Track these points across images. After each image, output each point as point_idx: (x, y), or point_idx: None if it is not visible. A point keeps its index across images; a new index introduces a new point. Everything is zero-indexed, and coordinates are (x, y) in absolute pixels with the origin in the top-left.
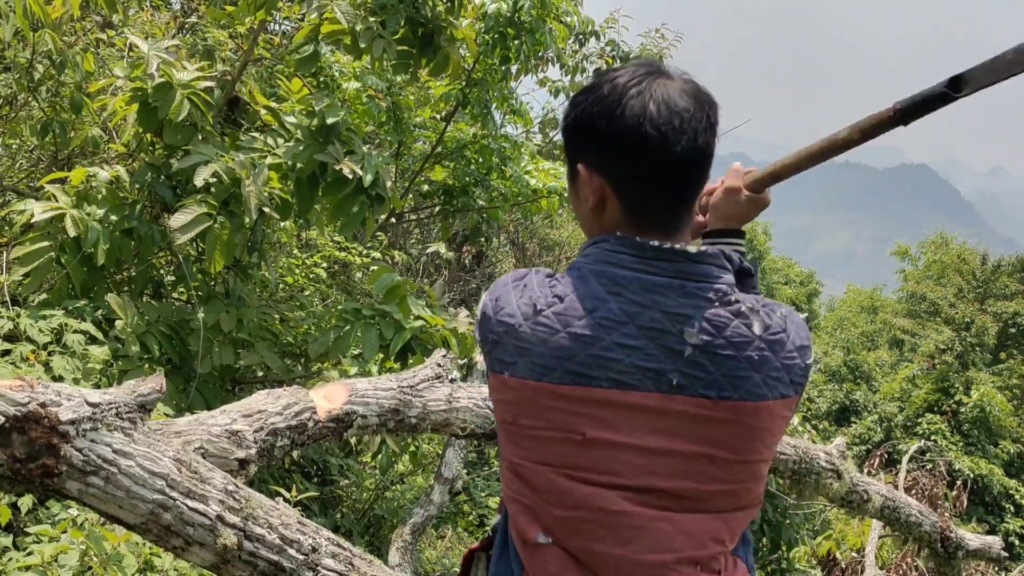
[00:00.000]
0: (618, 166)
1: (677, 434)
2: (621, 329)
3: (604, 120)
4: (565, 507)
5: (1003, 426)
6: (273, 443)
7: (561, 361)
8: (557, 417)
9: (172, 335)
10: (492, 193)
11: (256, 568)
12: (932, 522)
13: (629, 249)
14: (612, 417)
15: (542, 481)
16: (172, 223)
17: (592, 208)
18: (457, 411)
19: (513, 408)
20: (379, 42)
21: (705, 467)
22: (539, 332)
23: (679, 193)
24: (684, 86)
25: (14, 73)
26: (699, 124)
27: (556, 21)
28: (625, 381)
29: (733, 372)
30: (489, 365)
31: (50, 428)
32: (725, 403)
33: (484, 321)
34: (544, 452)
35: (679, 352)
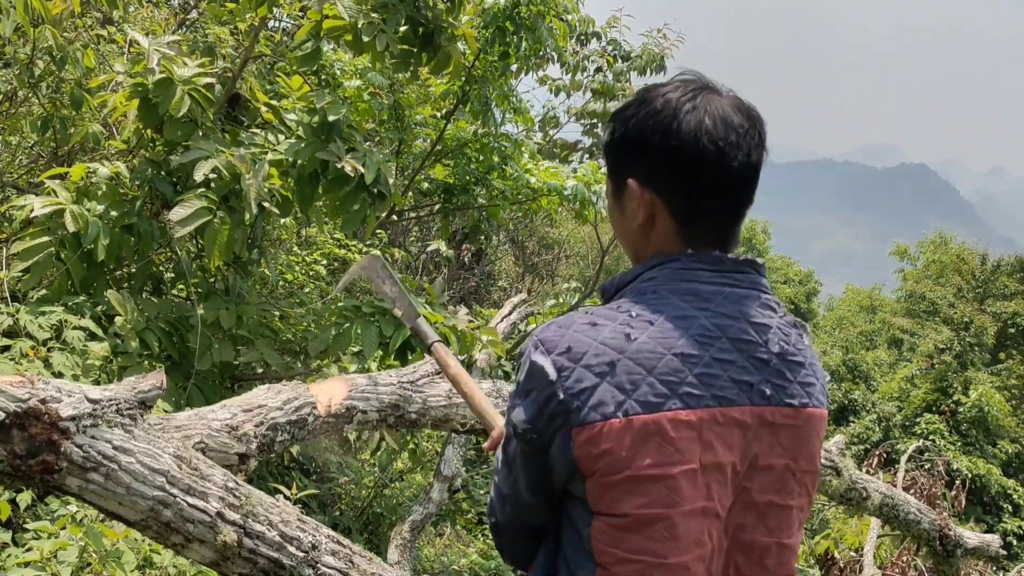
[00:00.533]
0: (672, 181)
1: (773, 446)
2: (716, 344)
3: (659, 135)
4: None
5: (1001, 426)
6: (273, 438)
7: (675, 385)
8: (677, 447)
9: (172, 331)
10: (492, 191)
11: (256, 565)
12: (931, 520)
13: (706, 264)
14: (714, 437)
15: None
16: (171, 216)
17: (641, 223)
18: (457, 407)
19: (628, 452)
20: (381, 37)
21: (786, 480)
22: (645, 359)
23: (733, 208)
24: (735, 102)
25: (14, 69)
26: (752, 140)
27: (556, 19)
28: (727, 396)
29: (804, 379)
30: (576, 421)
31: (50, 424)
32: (804, 411)
33: (564, 376)
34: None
35: (766, 362)
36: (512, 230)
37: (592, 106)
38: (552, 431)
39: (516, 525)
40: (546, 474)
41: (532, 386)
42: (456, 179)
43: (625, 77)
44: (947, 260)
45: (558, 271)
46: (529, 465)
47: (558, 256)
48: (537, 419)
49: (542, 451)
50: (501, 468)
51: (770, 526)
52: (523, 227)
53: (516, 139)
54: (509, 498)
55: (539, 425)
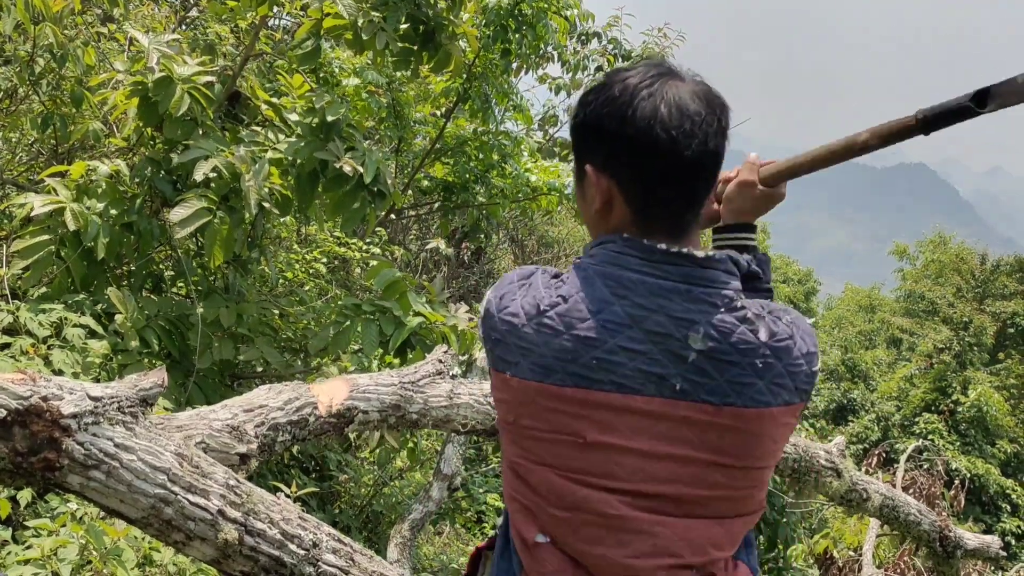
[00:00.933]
0: (627, 168)
1: (679, 439)
2: (626, 332)
3: (614, 121)
4: (563, 508)
5: (1000, 426)
6: (274, 438)
7: (564, 363)
8: (558, 419)
9: (172, 330)
10: (492, 190)
11: (257, 563)
12: (931, 521)
13: (636, 252)
14: (614, 420)
15: (541, 481)
16: (172, 216)
17: (598, 209)
18: (458, 407)
19: (514, 408)
20: (381, 35)
21: (706, 473)
22: (542, 333)
23: (687, 197)
24: (696, 88)
25: (15, 66)
26: (710, 128)
27: (556, 15)
28: (628, 385)
29: (736, 378)
30: (491, 363)
31: (52, 422)
32: (728, 409)
33: (487, 318)
34: (544, 453)
35: (684, 357)
36: (512, 228)
37: None
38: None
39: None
40: None
41: (479, 314)
42: (456, 177)
43: None
44: (946, 260)
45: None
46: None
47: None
48: (484, 340)
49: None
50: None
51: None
52: (522, 225)
53: (516, 137)
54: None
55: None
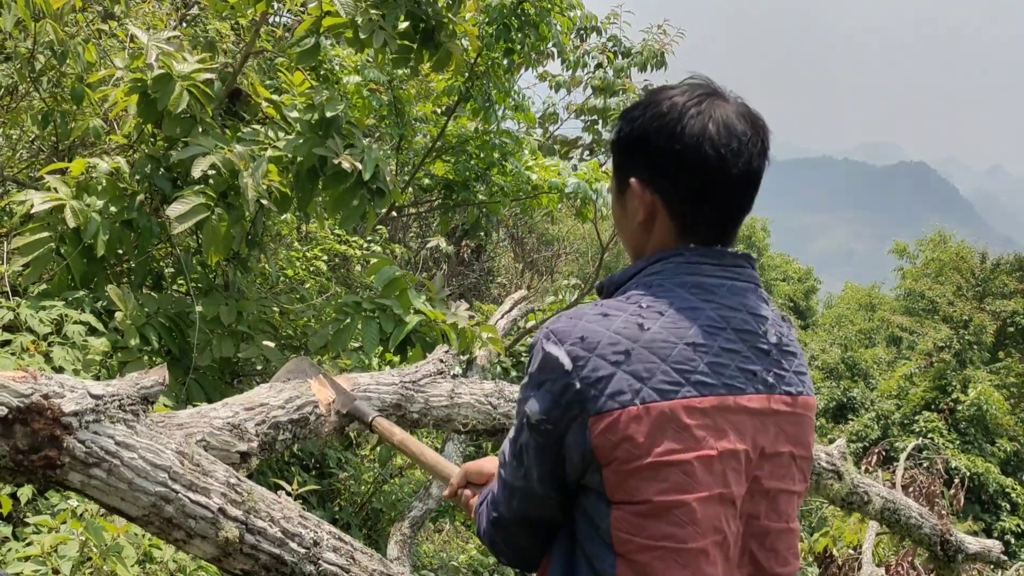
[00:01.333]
0: (673, 184)
1: (777, 434)
2: (723, 334)
3: (663, 137)
4: (717, 532)
5: (1000, 424)
6: (275, 436)
7: (687, 374)
8: (693, 434)
9: (171, 327)
10: (492, 188)
11: (257, 561)
12: (932, 525)
13: (708, 258)
14: (726, 424)
15: (699, 511)
16: (169, 212)
17: (641, 222)
18: (459, 407)
19: (646, 439)
20: (380, 34)
21: (789, 466)
22: (659, 348)
23: (731, 213)
24: (741, 109)
25: (15, 63)
26: (755, 148)
27: (559, 15)
28: (735, 385)
29: (798, 369)
30: (593, 410)
31: (53, 420)
32: (800, 399)
33: (579, 367)
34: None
35: (766, 352)
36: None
37: (592, 102)
38: (567, 421)
39: (521, 519)
40: (559, 465)
41: (546, 377)
42: (456, 175)
43: (626, 73)
44: (946, 258)
45: (558, 268)
46: (542, 456)
47: (558, 253)
48: (552, 410)
49: (556, 442)
50: (510, 461)
51: (780, 512)
52: (523, 224)
53: (517, 136)
54: (518, 491)
55: (554, 415)
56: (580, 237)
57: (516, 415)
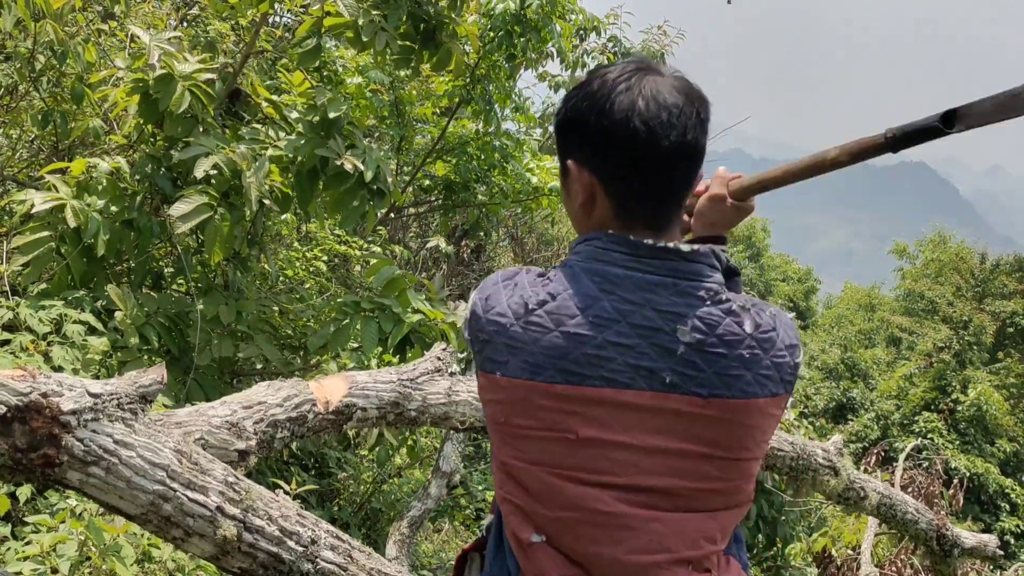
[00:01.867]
0: (607, 161)
1: (670, 432)
2: (614, 327)
3: (593, 115)
4: (558, 507)
5: (1000, 425)
6: (273, 435)
7: (554, 360)
8: (550, 416)
9: (171, 326)
10: (493, 189)
11: (255, 560)
12: (928, 520)
13: (622, 247)
14: (605, 416)
15: (534, 481)
16: (172, 212)
17: (582, 204)
18: (456, 405)
19: (505, 408)
20: (382, 35)
21: (697, 465)
22: (531, 331)
23: (668, 189)
24: (675, 82)
25: (15, 63)
26: (688, 120)
27: (560, 19)
28: (618, 379)
29: (725, 370)
30: (479, 364)
31: (52, 418)
32: (717, 401)
33: (474, 320)
34: (536, 452)
35: (672, 350)
36: (511, 227)
37: None
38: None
39: None
40: None
41: (465, 316)
42: (457, 176)
43: None
44: (946, 259)
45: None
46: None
47: (557, 253)
48: (471, 343)
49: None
50: None
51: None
52: (522, 224)
53: (517, 138)
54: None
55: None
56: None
57: None
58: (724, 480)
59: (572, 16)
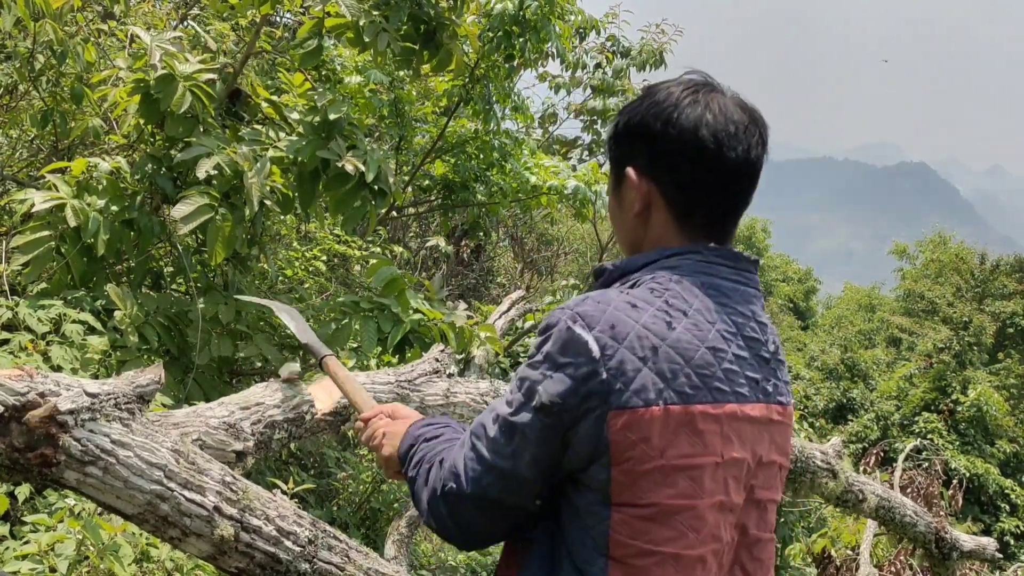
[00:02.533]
0: (670, 170)
1: (771, 443)
2: (735, 341)
3: (660, 124)
4: (716, 540)
5: (1000, 425)
6: (271, 436)
7: (707, 379)
8: (704, 440)
9: (171, 326)
10: (492, 188)
11: (253, 559)
12: (927, 523)
13: (724, 259)
14: (732, 433)
15: (694, 518)
16: (174, 213)
17: (637, 214)
18: (455, 406)
19: (662, 442)
20: (383, 36)
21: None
22: (684, 350)
23: (728, 202)
24: (738, 101)
25: (15, 62)
26: (752, 138)
27: (559, 20)
28: (743, 393)
29: (787, 378)
30: (616, 403)
31: (49, 418)
32: (788, 408)
33: (606, 357)
34: (692, 486)
35: (767, 360)
36: (511, 227)
37: (591, 103)
38: (584, 410)
39: (484, 498)
40: (558, 452)
41: (570, 360)
42: (456, 175)
43: (624, 74)
44: (946, 259)
45: (557, 268)
46: (543, 439)
47: (557, 253)
48: (571, 395)
49: (564, 429)
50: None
51: (767, 521)
52: (522, 224)
53: (517, 137)
54: (496, 470)
55: (571, 401)
56: (580, 237)
57: (514, 391)
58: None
59: (571, 17)
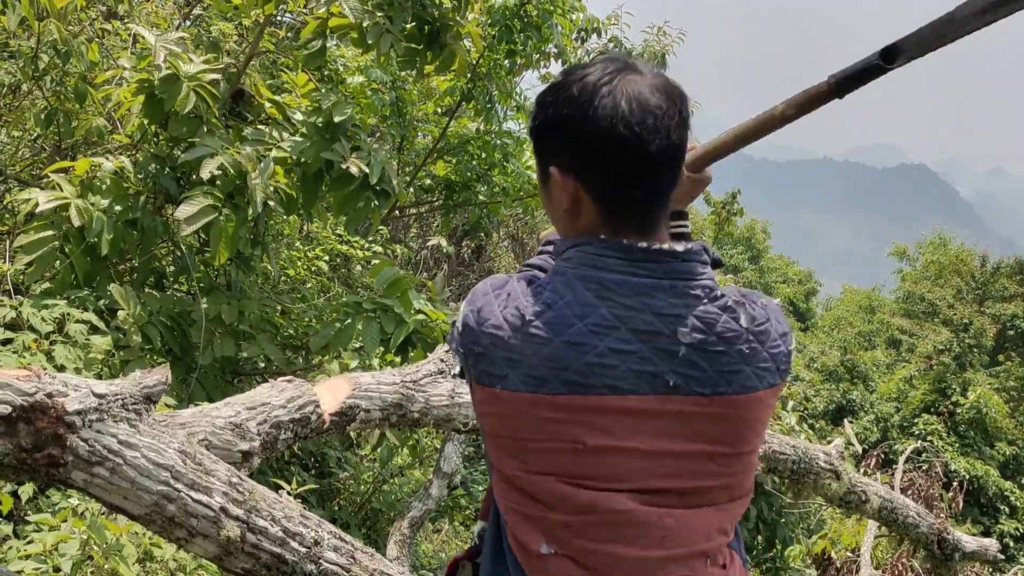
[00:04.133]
0: (591, 167)
1: (675, 434)
2: (614, 334)
3: (576, 121)
4: (568, 512)
5: (999, 428)
6: (277, 436)
7: (556, 371)
8: (556, 428)
9: (174, 326)
10: (493, 188)
11: (259, 560)
12: (929, 524)
13: (615, 252)
14: (610, 423)
15: (542, 490)
16: (178, 214)
17: (567, 210)
18: (459, 406)
19: (507, 422)
20: (386, 37)
21: (703, 464)
22: (531, 343)
23: (655, 192)
24: (655, 81)
25: (19, 62)
26: (672, 121)
27: (561, 17)
28: (621, 387)
29: (725, 367)
30: (474, 377)
31: (56, 418)
32: (719, 399)
33: (467, 333)
34: (543, 463)
35: (673, 353)
36: (512, 227)
37: None
38: (465, 371)
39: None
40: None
41: (456, 329)
42: (458, 175)
43: None
44: (946, 261)
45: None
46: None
47: None
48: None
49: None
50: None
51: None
52: (523, 224)
53: (518, 136)
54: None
55: (461, 368)
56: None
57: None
58: (729, 475)
59: (574, 15)
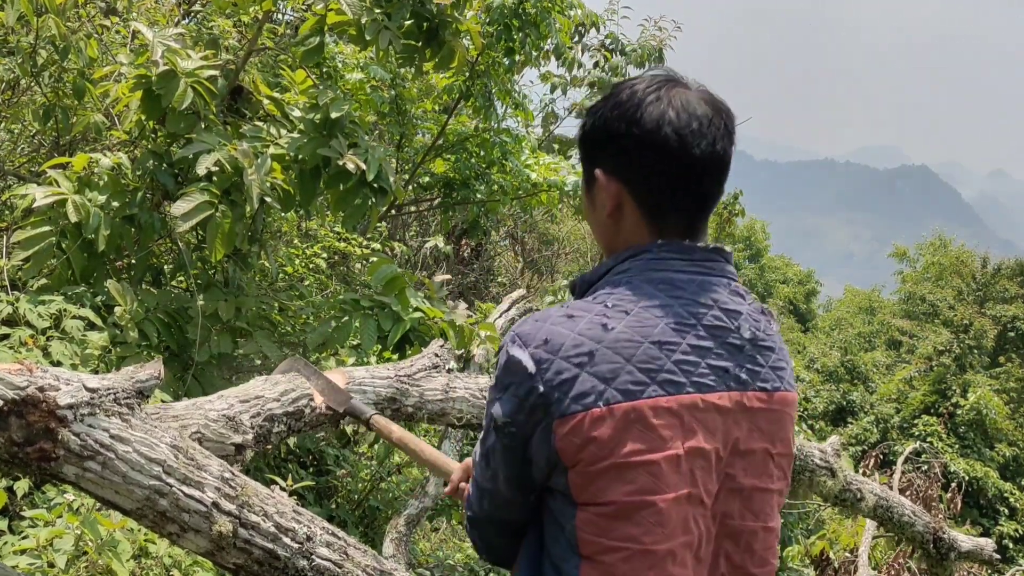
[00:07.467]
0: (637, 170)
1: (752, 431)
2: (692, 331)
3: (623, 124)
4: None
5: (999, 429)
6: (270, 429)
7: (653, 373)
8: (659, 434)
9: (171, 322)
10: (492, 187)
11: (251, 556)
12: (925, 523)
13: (677, 253)
14: (695, 423)
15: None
16: (174, 210)
17: (609, 214)
18: (454, 401)
19: (611, 441)
20: (385, 34)
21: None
22: (623, 348)
23: (698, 198)
24: (702, 94)
25: (17, 58)
26: (717, 131)
27: (559, 14)
28: (705, 383)
29: (775, 364)
30: (559, 411)
31: (48, 412)
32: (776, 395)
33: (544, 367)
34: (650, 480)
35: (740, 347)
36: (512, 226)
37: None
38: (532, 425)
39: (493, 520)
40: (526, 468)
41: (511, 380)
42: (456, 173)
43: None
44: (947, 262)
45: (557, 267)
46: (508, 459)
47: (557, 252)
48: (517, 413)
49: (522, 445)
50: (479, 462)
51: (755, 511)
52: (523, 223)
53: (517, 134)
54: (487, 492)
55: (519, 419)
56: (580, 237)
57: (485, 417)
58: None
59: (571, 12)
